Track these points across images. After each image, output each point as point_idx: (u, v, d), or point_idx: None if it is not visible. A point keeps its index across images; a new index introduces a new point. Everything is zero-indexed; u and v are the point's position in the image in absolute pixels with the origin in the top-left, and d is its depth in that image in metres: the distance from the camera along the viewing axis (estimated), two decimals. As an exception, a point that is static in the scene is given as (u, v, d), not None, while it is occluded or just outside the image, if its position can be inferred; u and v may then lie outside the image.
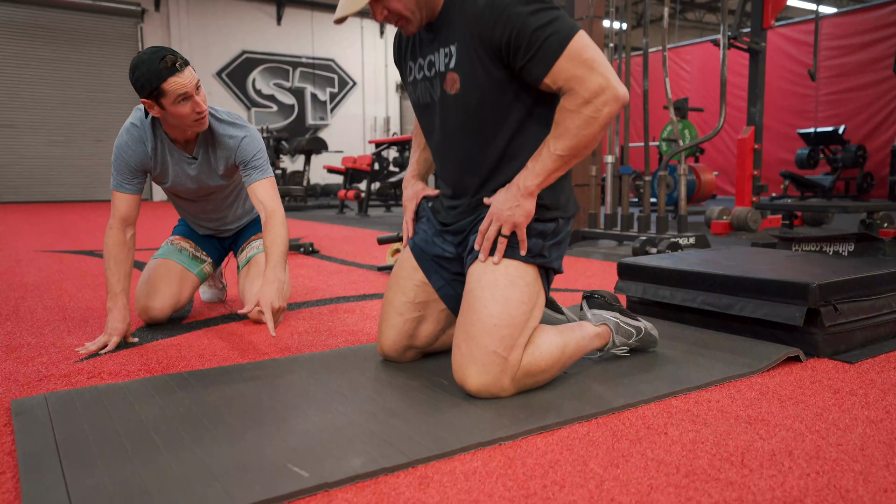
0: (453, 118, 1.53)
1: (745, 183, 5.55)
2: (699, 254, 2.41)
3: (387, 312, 1.71)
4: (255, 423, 1.33)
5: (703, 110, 8.81)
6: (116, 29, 13.30)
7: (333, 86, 15.80)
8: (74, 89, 12.96)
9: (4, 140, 12.46)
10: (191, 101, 1.89)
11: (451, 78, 1.49)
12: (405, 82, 1.68)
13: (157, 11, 13.56)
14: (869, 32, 9.43)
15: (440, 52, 1.51)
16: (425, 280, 1.68)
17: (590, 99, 1.37)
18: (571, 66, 1.37)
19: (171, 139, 2.06)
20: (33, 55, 12.55)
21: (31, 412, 1.39)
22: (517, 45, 1.38)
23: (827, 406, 1.40)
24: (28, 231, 6.25)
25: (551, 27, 1.37)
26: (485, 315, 1.43)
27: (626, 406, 1.40)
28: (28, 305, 2.62)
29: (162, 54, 1.83)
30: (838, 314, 1.78)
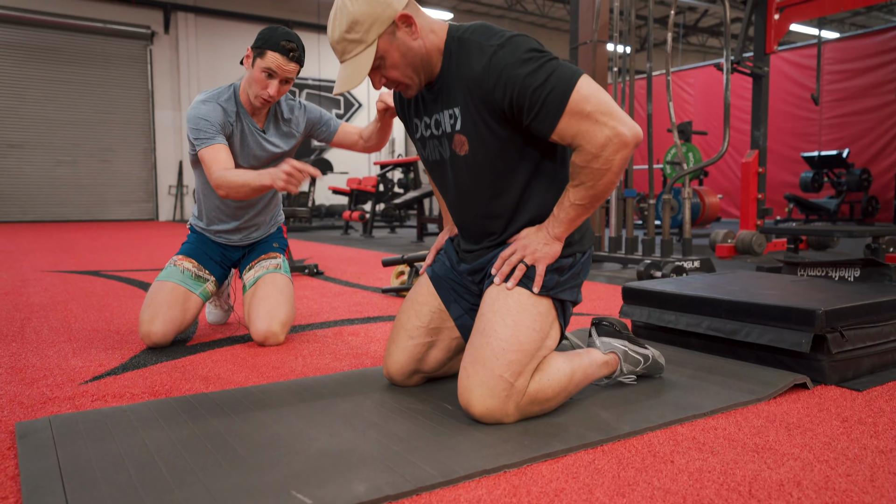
0: (465, 176, 1.55)
1: (750, 206, 5.56)
2: (704, 278, 2.40)
3: (397, 334, 1.71)
4: (259, 448, 1.32)
5: (706, 133, 8.86)
6: (126, 51, 13.48)
7: (339, 107, 15.94)
8: (82, 110, 13.10)
9: (12, 160, 12.57)
10: (272, 79, 2.12)
11: (459, 140, 1.51)
12: (412, 137, 1.70)
13: (166, 34, 13.74)
14: (871, 57, 9.49)
15: (444, 113, 1.52)
16: (441, 307, 1.69)
17: (598, 153, 1.37)
18: (575, 121, 1.37)
19: (245, 111, 2.25)
20: (44, 76, 12.72)
21: (34, 435, 1.39)
22: (519, 106, 1.40)
23: (835, 435, 1.39)
24: (34, 250, 6.28)
25: (550, 83, 1.36)
26: (494, 339, 1.43)
27: (631, 433, 1.39)
28: (33, 326, 2.63)
29: (290, 38, 2.11)
30: (845, 341, 1.77)
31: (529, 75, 1.37)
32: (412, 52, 1.45)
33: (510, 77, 1.38)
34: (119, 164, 13.52)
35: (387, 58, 1.45)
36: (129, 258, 5.53)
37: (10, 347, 2.26)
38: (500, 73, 1.39)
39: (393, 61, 1.45)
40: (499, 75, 1.39)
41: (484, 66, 1.40)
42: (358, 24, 1.40)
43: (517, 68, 1.38)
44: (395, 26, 1.43)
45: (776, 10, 5.54)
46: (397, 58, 1.45)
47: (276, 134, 2.33)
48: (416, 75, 1.49)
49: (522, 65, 1.38)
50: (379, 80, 1.50)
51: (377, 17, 1.40)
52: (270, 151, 2.32)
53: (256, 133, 2.28)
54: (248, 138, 2.26)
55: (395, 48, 1.44)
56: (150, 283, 3.84)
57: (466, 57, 1.44)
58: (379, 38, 1.42)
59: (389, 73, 1.47)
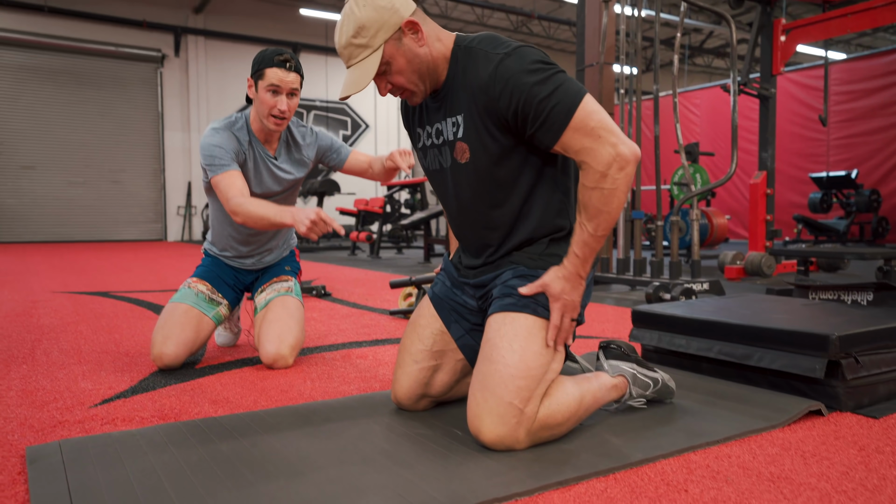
0: (465, 185, 1.56)
1: (759, 228, 5.54)
2: (715, 301, 2.39)
3: (403, 359, 1.71)
4: (268, 474, 1.31)
5: (713, 155, 8.87)
6: (137, 73, 13.65)
7: (346, 128, 16.06)
8: (94, 131, 13.25)
9: (24, 181, 12.70)
10: (278, 96, 2.13)
11: (461, 147, 1.52)
12: (415, 147, 1.71)
13: (176, 56, 13.92)
14: (879, 78, 9.50)
15: (447, 121, 1.54)
16: (443, 329, 1.68)
17: (604, 172, 1.39)
18: (578, 136, 1.39)
19: (258, 139, 2.27)
20: (56, 98, 12.89)
21: (45, 460, 1.38)
22: (524, 115, 1.41)
23: (853, 464, 1.37)
24: (44, 271, 6.31)
25: (556, 96, 1.38)
26: (502, 365, 1.42)
27: (644, 461, 1.38)
28: (44, 348, 2.63)
29: (283, 51, 2.15)
30: (860, 367, 1.75)
31: (536, 85, 1.38)
32: (418, 58, 1.47)
33: (517, 85, 1.39)
34: (129, 185, 13.64)
35: (392, 63, 1.46)
36: (138, 279, 5.55)
37: (20, 370, 2.26)
38: (507, 80, 1.40)
39: (399, 67, 1.46)
40: (505, 83, 1.40)
41: (490, 73, 1.41)
42: (365, 30, 1.42)
43: (524, 77, 1.39)
44: (401, 32, 1.44)
45: (782, 32, 5.57)
46: (403, 63, 1.46)
47: (287, 160, 2.35)
48: (422, 82, 1.50)
49: (530, 74, 1.39)
50: (385, 86, 1.51)
51: (384, 22, 1.42)
52: (282, 178, 2.34)
53: (268, 160, 2.30)
54: (261, 165, 2.28)
55: (401, 54, 1.45)
56: (159, 305, 3.85)
57: (472, 65, 1.46)
58: (385, 44, 1.44)
59: (395, 78, 1.48)
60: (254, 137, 2.27)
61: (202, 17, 14.14)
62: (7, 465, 1.40)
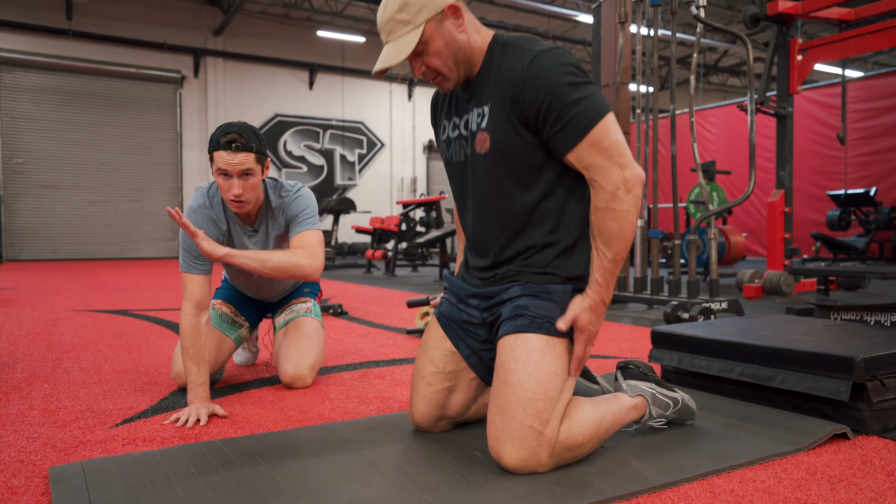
0: (482, 177, 1.55)
1: (777, 246, 5.49)
2: (735, 322, 2.37)
3: (416, 383, 1.70)
4: (289, 496, 1.31)
5: (730, 173, 8.83)
6: (157, 94, 13.87)
7: (362, 147, 16.17)
8: (114, 151, 13.45)
9: (46, 200, 12.89)
10: (229, 180, 1.96)
11: (482, 137, 1.52)
12: (438, 142, 1.71)
13: (195, 77, 14.13)
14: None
15: (474, 111, 1.54)
16: (453, 349, 1.67)
17: (614, 192, 1.41)
18: (592, 151, 1.41)
19: (234, 214, 2.12)
20: (77, 119, 13.11)
21: (68, 481, 1.39)
22: (546, 115, 1.42)
23: (882, 490, 1.34)
24: (65, 289, 6.39)
25: (581, 104, 1.40)
26: (518, 389, 1.41)
27: (667, 485, 1.36)
28: (65, 367, 2.66)
29: (230, 130, 1.94)
30: (886, 389, 1.73)
31: (566, 87, 1.40)
32: (456, 43, 1.48)
33: (546, 83, 1.40)
34: (148, 204, 13.80)
35: (431, 44, 1.47)
36: (157, 297, 5.60)
37: (42, 388, 2.29)
38: (538, 76, 1.41)
39: (436, 48, 1.47)
40: (536, 78, 1.41)
41: (524, 66, 1.43)
42: (409, 6, 1.43)
43: (556, 77, 1.40)
44: (443, 15, 1.46)
45: (799, 52, 5.55)
46: (441, 46, 1.47)
47: (265, 231, 2.19)
48: (456, 68, 1.51)
49: (562, 75, 1.41)
50: (420, 67, 1.51)
51: (427, 1, 1.44)
52: (262, 247, 2.21)
53: (245, 234, 2.17)
54: (237, 239, 2.17)
55: (441, 36, 1.47)
56: (177, 323, 3.88)
57: (508, 57, 1.47)
58: (426, 23, 1.45)
59: (431, 60, 1.49)
60: (231, 214, 2.13)
61: (221, 39, 14.37)
62: (31, 485, 1.41)
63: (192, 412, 1.86)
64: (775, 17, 5.45)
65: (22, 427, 1.83)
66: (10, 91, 12.53)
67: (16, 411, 1.99)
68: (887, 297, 5.35)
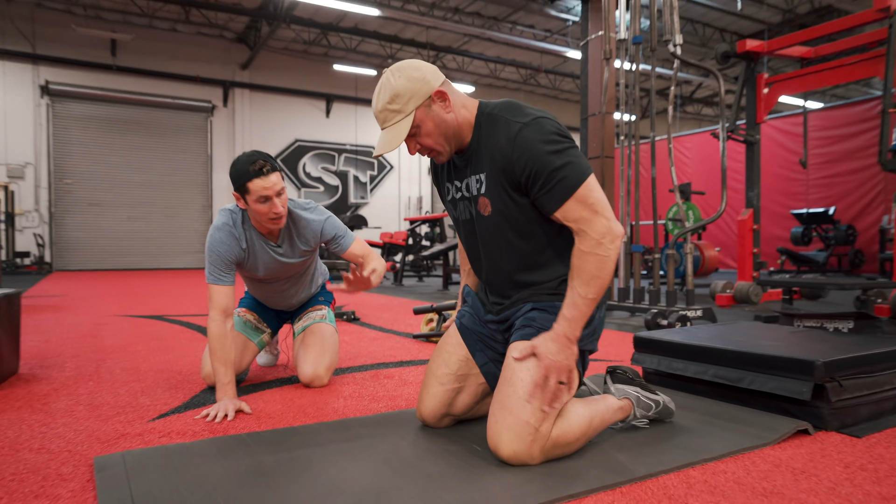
0: (489, 235, 1.57)
1: (746, 260, 5.49)
2: (709, 329, 2.37)
3: (429, 381, 1.71)
4: (308, 485, 1.32)
5: (704, 193, 8.82)
6: (190, 121, 13.95)
7: (373, 169, 16.23)
8: (152, 172, 13.51)
9: (91, 216, 12.95)
10: (269, 202, 1.95)
11: (483, 202, 1.54)
12: (444, 200, 1.72)
13: (224, 107, 14.22)
14: (853, 125, 9.45)
15: (472, 178, 1.56)
16: (468, 356, 1.69)
17: (600, 240, 1.41)
18: (579, 207, 1.42)
19: (258, 232, 2.11)
20: (120, 144, 13.19)
21: (110, 469, 1.40)
22: (535, 180, 1.43)
23: (839, 480, 1.34)
24: (108, 296, 6.40)
25: (566, 170, 1.41)
26: (520, 387, 1.42)
27: (647, 476, 1.36)
28: (108, 367, 2.67)
29: (254, 158, 1.92)
30: (843, 390, 1.73)
31: (550, 155, 1.41)
32: (445, 123, 1.49)
33: (534, 154, 1.41)
34: (181, 220, 13.85)
35: (422, 127, 1.48)
36: (188, 304, 5.61)
37: (88, 386, 2.29)
38: (524, 149, 1.42)
39: (427, 130, 1.49)
40: (522, 151, 1.42)
41: (510, 139, 1.44)
42: (399, 97, 1.45)
43: (540, 146, 1.41)
44: (430, 100, 1.47)
45: (765, 85, 5.58)
46: (431, 127, 1.49)
47: (290, 246, 2.18)
48: (448, 144, 1.52)
49: (545, 144, 1.41)
50: (414, 146, 1.53)
51: (415, 91, 1.45)
52: (286, 263, 2.20)
53: (270, 249, 2.15)
54: (261, 255, 2.15)
55: (430, 119, 1.48)
56: (206, 327, 3.88)
57: (494, 130, 1.48)
58: (416, 110, 1.46)
59: (424, 140, 1.51)
60: (254, 232, 2.11)
61: (248, 73, 14.47)
62: (78, 473, 1.41)
63: (220, 408, 1.87)
64: (744, 55, 5.49)
65: (70, 420, 1.84)
66: (61, 119, 12.63)
67: (65, 406, 2.00)
68: (844, 306, 5.34)
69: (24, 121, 12.28)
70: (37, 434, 1.70)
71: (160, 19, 13.10)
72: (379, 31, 13.29)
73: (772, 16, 12.75)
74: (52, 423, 1.82)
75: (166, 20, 13.18)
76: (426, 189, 16.94)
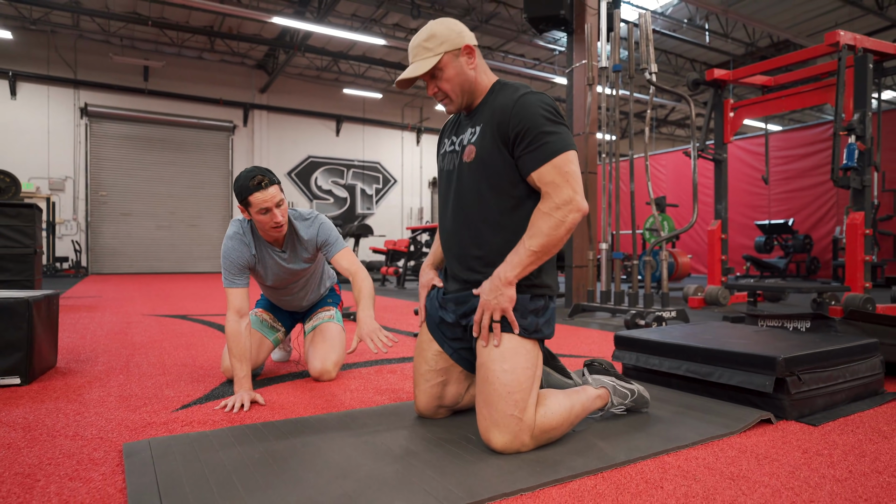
0: (465, 182, 1.53)
1: (715, 266, 5.50)
2: (682, 328, 2.36)
3: (416, 380, 1.69)
4: (318, 470, 1.31)
5: (678, 206, 8.85)
6: (213, 140, 13.95)
7: (378, 183, 16.23)
8: (178, 185, 13.50)
9: (123, 225, 12.92)
10: (270, 213, 1.95)
11: (470, 149, 1.52)
12: (438, 156, 1.70)
13: (244, 126, 14.23)
14: (808, 146, 9.49)
15: (468, 130, 1.56)
16: (441, 349, 1.65)
17: (560, 206, 1.39)
18: (553, 172, 1.41)
19: (264, 240, 2.11)
20: (149, 160, 13.18)
21: (138, 455, 1.39)
22: (523, 138, 1.42)
23: (798, 465, 1.34)
24: (137, 297, 6.38)
25: (553, 136, 1.41)
26: (498, 385, 1.40)
27: (626, 462, 1.35)
28: (136, 361, 2.65)
29: (254, 174, 1.91)
30: (802, 383, 1.72)
31: (542, 120, 1.42)
32: (465, 75, 1.51)
33: (529, 114, 1.42)
34: (203, 229, 13.82)
35: (445, 71, 1.50)
36: (210, 305, 5.59)
37: (118, 378, 2.28)
38: (523, 108, 1.43)
39: (448, 76, 1.50)
40: (521, 109, 1.43)
41: (514, 100, 1.45)
42: (433, 38, 1.48)
43: (538, 111, 1.42)
44: (459, 51, 1.50)
45: (731, 110, 5.60)
46: (452, 74, 1.50)
47: (294, 251, 2.17)
48: (461, 96, 1.53)
49: (542, 111, 1.42)
50: (432, 87, 1.53)
51: (449, 38, 1.48)
52: (291, 269, 2.20)
53: (276, 255, 2.15)
54: (269, 261, 2.15)
55: (454, 67, 1.50)
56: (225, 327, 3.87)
57: (503, 93, 1.50)
58: (445, 54, 1.48)
59: (442, 84, 1.51)
60: (261, 241, 2.11)
61: (266, 96, 14.49)
62: (108, 458, 1.40)
63: (237, 400, 1.85)
64: (712, 82, 5.51)
65: (101, 410, 1.82)
66: (97, 138, 12.62)
67: (97, 397, 1.99)
68: (802, 307, 5.34)
69: (65, 139, 12.28)
70: (72, 422, 1.69)
71: (188, 48, 13.12)
72: (385, 59, 13.32)
73: (736, 48, 12.83)
74: (85, 412, 1.80)
75: (194, 49, 13.20)
76: (426, 201, 16.94)
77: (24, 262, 4.51)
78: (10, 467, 1.34)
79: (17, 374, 2.14)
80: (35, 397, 1.98)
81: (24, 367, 2.15)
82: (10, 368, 2.13)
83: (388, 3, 10.39)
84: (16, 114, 11.89)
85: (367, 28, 11.81)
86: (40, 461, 1.38)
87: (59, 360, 2.65)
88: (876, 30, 11.73)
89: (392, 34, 12.11)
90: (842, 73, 4.32)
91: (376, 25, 11.97)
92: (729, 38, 12.04)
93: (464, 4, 11.14)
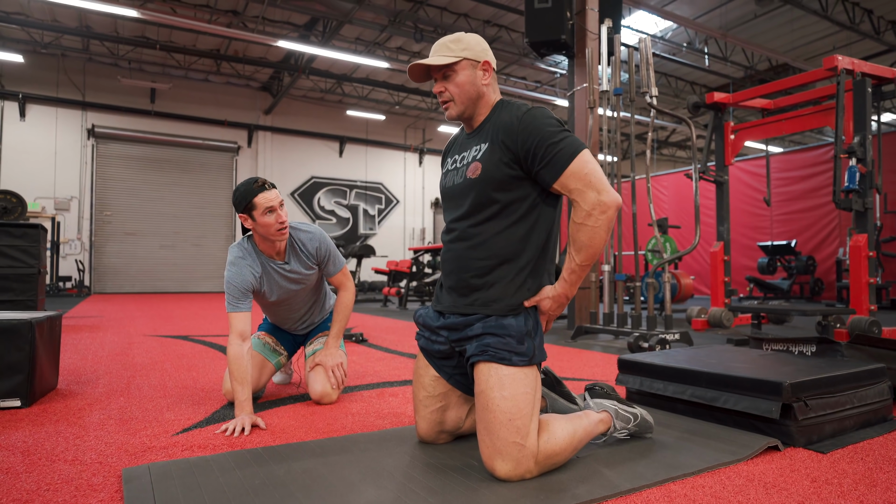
0: (467, 197, 1.53)
1: (719, 287, 5.48)
2: (686, 351, 2.34)
3: (416, 406, 1.67)
4: (317, 496, 1.29)
5: (680, 227, 8.85)
6: (217, 160, 14.07)
7: (381, 203, 16.30)
8: (182, 205, 13.58)
9: (128, 244, 12.97)
10: (275, 213, 2.01)
11: (475, 165, 1.53)
12: (442, 174, 1.70)
13: (248, 147, 14.36)
14: (810, 167, 9.53)
15: (472, 148, 1.57)
16: (437, 374, 1.64)
17: (590, 212, 1.42)
18: (573, 179, 1.43)
19: (267, 256, 2.12)
20: (154, 180, 13.29)
21: (137, 480, 1.37)
22: (535, 154, 1.44)
23: (807, 495, 1.31)
24: (139, 317, 6.37)
25: (562, 144, 1.44)
26: (499, 412, 1.39)
27: (631, 490, 1.33)
28: (137, 383, 2.63)
29: (254, 179, 2.02)
30: (809, 409, 1.70)
31: (549, 132, 1.44)
32: (475, 86, 1.55)
33: (534, 129, 1.45)
34: (207, 248, 13.86)
35: (458, 74, 1.54)
36: (212, 325, 5.58)
37: (118, 401, 2.26)
38: (528, 125, 1.45)
39: (459, 81, 1.54)
40: (526, 126, 1.45)
41: (517, 117, 1.48)
42: (459, 42, 1.54)
43: (542, 126, 1.45)
44: (478, 63, 1.55)
45: (732, 132, 5.64)
46: (464, 80, 1.54)
47: (296, 262, 2.18)
48: (464, 104, 1.56)
49: (546, 125, 1.45)
50: (440, 86, 1.56)
51: (473, 48, 1.55)
52: (294, 279, 2.20)
53: (279, 268, 2.15)
54: (273, 275, 2.15)
55: (467, 75, 1.54)
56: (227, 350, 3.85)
57: (506, 111, 1.53)
58: (464, 59, 1.53)
59: (450, 85, 1.54)
60: (264, 258, 2.12)
61: (270, 117, 14.65)
62: (107, 484, 1.39)
63: (237, 423, 1.84)
64: (712, 105, 5.56)
65: (101, 434, 1.81)
66: (103, 158, 12.75)
67: (97, 420, 1.97)
68: (807, 330, 5.31)
69: (72, 160, 12.41)
70: (71, 446, 1.67)
71: (195, 71, 13.31)
72: (388, 82, 13.49)
73: (735, 71, 12.96)
74: (85, 436, 1.79)
75: (200, 71, 13.39)
76: (428, 221, 16.98)
77: (27, 282, 4.52)
78: (7, 493, 1.32)
79: (18, 397, 2.13)
80: (35, 420, 1.97)
81: (25, 390, 2.13)
82: (10, 391, 2.11)
83: (392, 27, 10.55)
84: (24, 135, 12.03)
85: (370, 51, 11.98)
86: (38, 486, 1.36)
87: (60, 381, 2.63)
88: (873, 54, 11.87)
89: (395, 57, 12.28)
90: (841, 96, 4.35)
91: (380, 49, 12.14)
92: (728, 61, 12.17)
93: (466, 28, 11.31)
